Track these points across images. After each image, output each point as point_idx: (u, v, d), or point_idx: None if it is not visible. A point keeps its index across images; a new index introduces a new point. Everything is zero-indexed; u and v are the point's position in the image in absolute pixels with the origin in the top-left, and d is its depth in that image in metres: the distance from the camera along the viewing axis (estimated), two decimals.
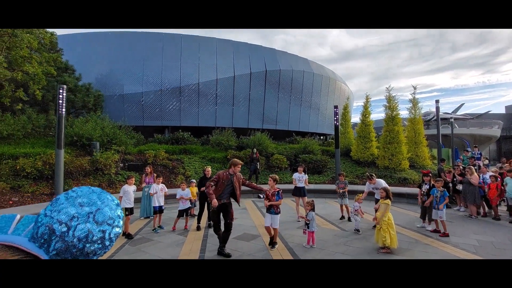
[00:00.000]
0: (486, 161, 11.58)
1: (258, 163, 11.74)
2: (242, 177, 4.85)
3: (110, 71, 18.19)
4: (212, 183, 4.39)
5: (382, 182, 6.18)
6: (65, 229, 0.55)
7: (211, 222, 6.53)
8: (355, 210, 5.96)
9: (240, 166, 4.74)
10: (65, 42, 15.87)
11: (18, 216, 0.60)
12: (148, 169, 7.52)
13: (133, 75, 18.17)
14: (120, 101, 17.96)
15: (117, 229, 0.62)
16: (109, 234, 0.60)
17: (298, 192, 6.99)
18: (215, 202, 4.26)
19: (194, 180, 7.40)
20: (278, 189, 4.95)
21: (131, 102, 18.13)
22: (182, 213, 6.31)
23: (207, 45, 19.82)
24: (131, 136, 13.22)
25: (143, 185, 7.33)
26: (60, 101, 8.95)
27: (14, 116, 11.36)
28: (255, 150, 12.06)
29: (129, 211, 5.82)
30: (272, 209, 4.79)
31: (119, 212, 0.64)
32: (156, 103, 18.36)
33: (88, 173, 9.85)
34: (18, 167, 8.63)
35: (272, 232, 4.87)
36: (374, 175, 6.46)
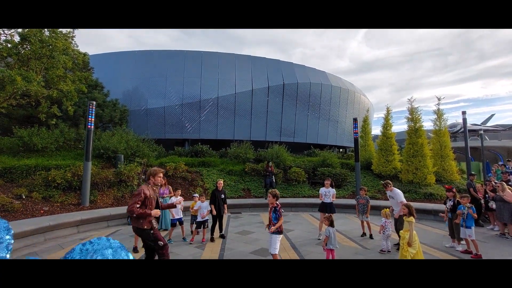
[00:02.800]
0: None
1: (273, 176, 11.59)
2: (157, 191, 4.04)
3: (135, 87, 19.24)
4: (136, 205, 3.50)
5: (400, 193, 5.88)
6: None
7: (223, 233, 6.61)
8: (383, 226, 5.55)
9: (161, 175, 3.89)
10: (96, 61, 17.06)
11: None
12: (162, 180, 7.54)
13: (157, 91, 19.07)
14: (144, 115, 18.82)
15: None
16: None
17: (325, 208, 6.64)
18: (156, 211, 3.67)
19: (196, 195, 7.13)
20: (274, 205, 4.23)
21: (154, 116, 18.93)
22: (200, 225, 6.39)
23: (227, 60, 20.45)
24: (153, 148, 13.70)
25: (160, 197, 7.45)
26: (90, 116, 9.57)
27: (48, 130, 12.23)
28: (270, 163, 11.93)
29: None
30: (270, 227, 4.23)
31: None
32: (177, 117, 19.03)
33: (113, 184, 10.28)
34: (49, 178, 9.19)
35: None
36: (390, 182, 6.16)
